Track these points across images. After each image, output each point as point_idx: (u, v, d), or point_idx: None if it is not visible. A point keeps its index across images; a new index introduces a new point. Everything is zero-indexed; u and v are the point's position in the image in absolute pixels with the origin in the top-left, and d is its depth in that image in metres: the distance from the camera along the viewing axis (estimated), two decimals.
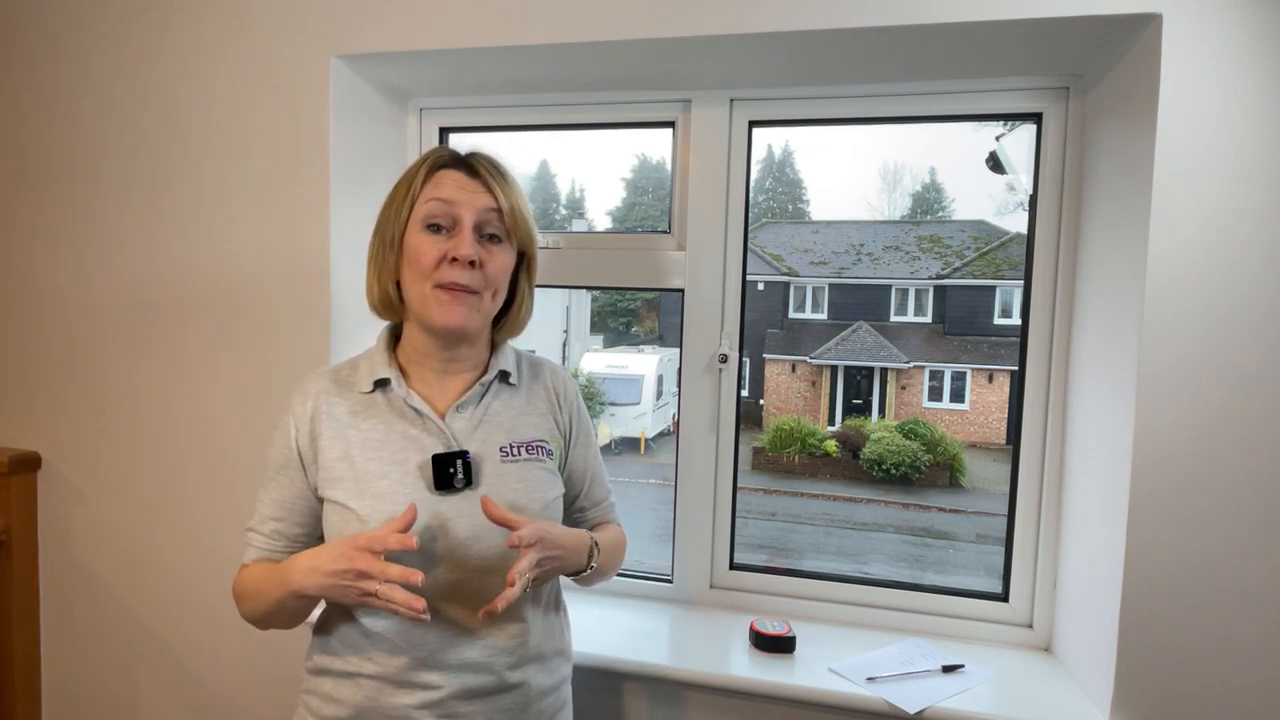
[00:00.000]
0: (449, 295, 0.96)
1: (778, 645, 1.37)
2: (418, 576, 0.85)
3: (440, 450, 0.97)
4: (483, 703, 0.97)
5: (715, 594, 1.59)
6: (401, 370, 1.03)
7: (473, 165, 1.00)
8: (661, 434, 8.30)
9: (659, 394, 8.21)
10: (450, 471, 0.96)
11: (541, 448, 1.05)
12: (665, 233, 1.58)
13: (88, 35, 1.56)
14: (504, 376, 1.06)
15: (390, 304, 1.02)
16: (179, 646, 1.63)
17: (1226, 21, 1.10)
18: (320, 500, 1.00)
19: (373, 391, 1.01)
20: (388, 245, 0.99)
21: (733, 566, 1.59)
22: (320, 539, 1.02)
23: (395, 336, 1.07)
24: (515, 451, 1.02)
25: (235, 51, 1.48)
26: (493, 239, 0.99)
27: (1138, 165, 1.17)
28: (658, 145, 1.59)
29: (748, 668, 1.33)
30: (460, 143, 1.72)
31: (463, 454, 0.97)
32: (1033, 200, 1.43)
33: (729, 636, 1.45)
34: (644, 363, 8.38)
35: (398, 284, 1.01)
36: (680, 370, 1.59)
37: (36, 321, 1.65)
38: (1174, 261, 1.13)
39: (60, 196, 1.61)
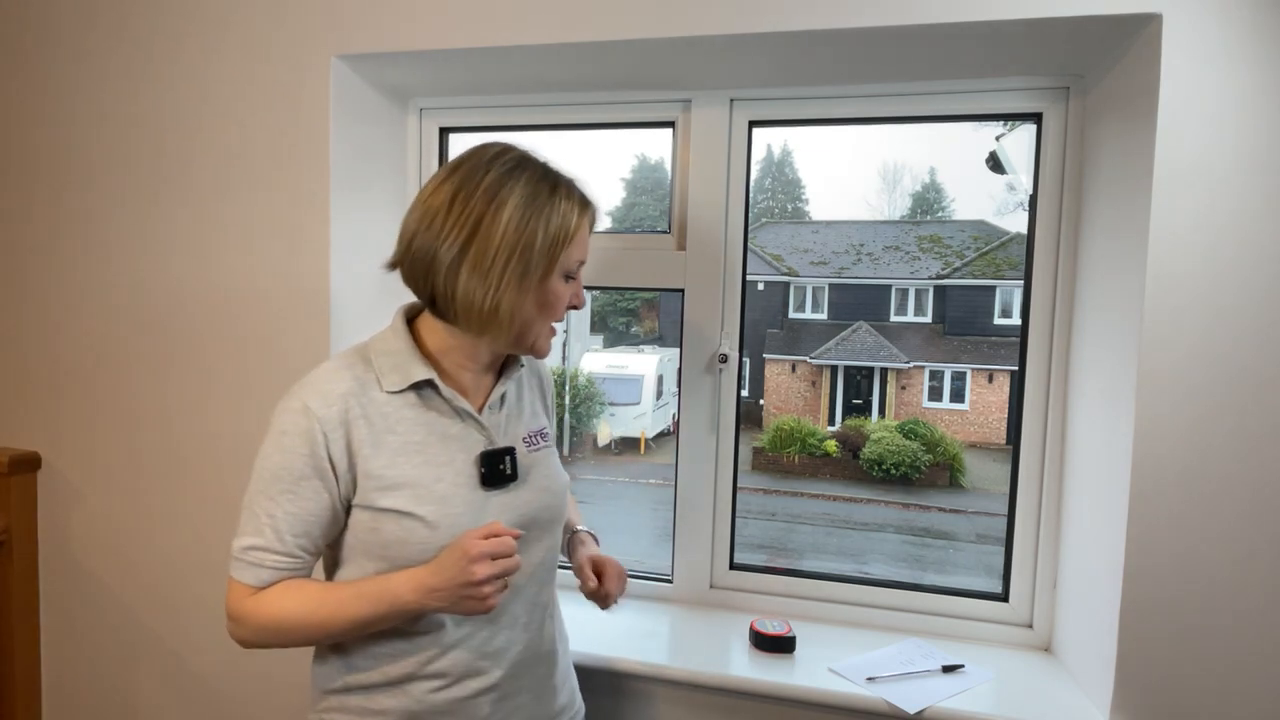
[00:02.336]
0: (552, 331, 1.01)
1: (778, 645, 1.37)
2: (517, 564, 0.90)
3: (484, 448, 0.98)
4: (527, 677, 1.03)
5: (715, 594, 1.59)
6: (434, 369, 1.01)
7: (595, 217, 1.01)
8: (661, 434, 8.30)
9: (659, 394, 8.21)
10: (500, 468, 0.98)
11: (547, 434, 1.09)
12: (665, 233, 1.58)
13: (86, 35, 1.56)
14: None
15: (500, 323, 0.94)
16: (179, 646, 1.63)
17: (1226, 21, 1.10)
18: (347, 511, 0.95)
19: (403, 391, 0.96)
20: (527, 274, 0.93)
21: (733, 566, 1.59)
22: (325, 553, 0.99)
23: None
24: (534, 440, 1.06)
25: (235, 51, 1.48)
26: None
27: (1138, 165, 1.17)
28: (657, 145, 1.59)
29: (748, 668, 1.33)
30: (462, 143, 1.72)
31: (509, 450, 0.99)
32: (1033, 200, 1.43)
33: (729, 636, 1.45)
34: (644, 363, 8.39)
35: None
36: (680, 370, 1.59)
37: (37, 322, 1.65)
38: (1174, 261, 1.13)
39: (60, 197, 1.61)
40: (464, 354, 1.00)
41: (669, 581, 1.61)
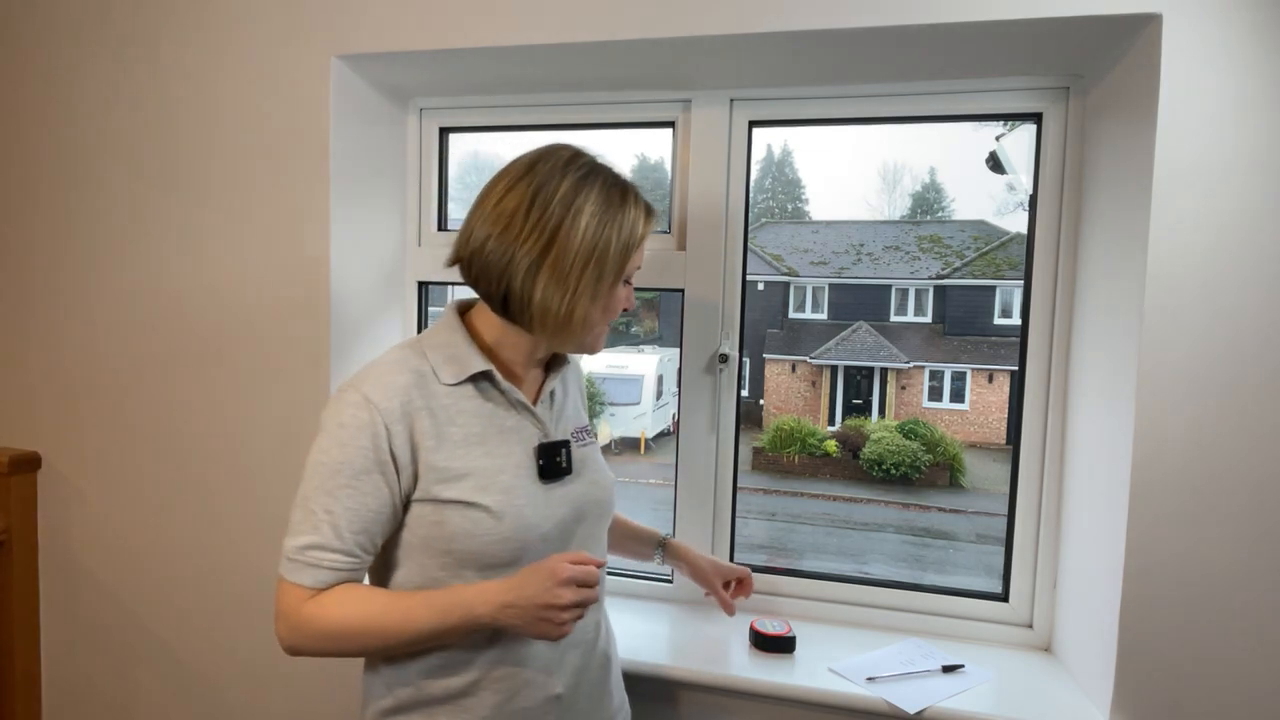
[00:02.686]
0: (604, 331, 1.03)
1: (778, 645, 1.37)
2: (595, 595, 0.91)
3: (540, 441, 0.99)
4: (586, 683, 1.03)
5: None
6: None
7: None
8: (661, 434, 8.30)
9: (659, 394, 8.21)
10: (557, 460, 0.99)
11: (590, 430, 1.11)
12: (665, 233, 1.58)
13: (87, 35, 1.56)
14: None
15: (571, 325, 0.95)
16: (178, 646, 1.63)
17: (1226, 21, 1.10)
18: (404, 505, 0.94)
19: (460, 384, 0.96)
20: (600, 279, 0.95)
21: None
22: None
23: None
24: (581, 436, 1.07)
25: (235, 52, 1.48)
26: None
27: (1138, 165, 1.17)
28: (657, 145, 1.59)
29: (748, 668, 1.33)
30: (462, 143, 1.72)
31: (565, 443, 1.01)
32: (1033, 200, 1.43)
33: (729, 636, 1.45)
34: (644, 363, 8.38)
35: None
36: (680, 370, 1.59)
37: (37, 322, 1.65)
38: (1174, 261, 1.13)
39: (60, 198, 1.61)
40: (518, 349, 1.01)
41: (669, 581, 1.61)
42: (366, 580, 0.97)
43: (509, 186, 0.95)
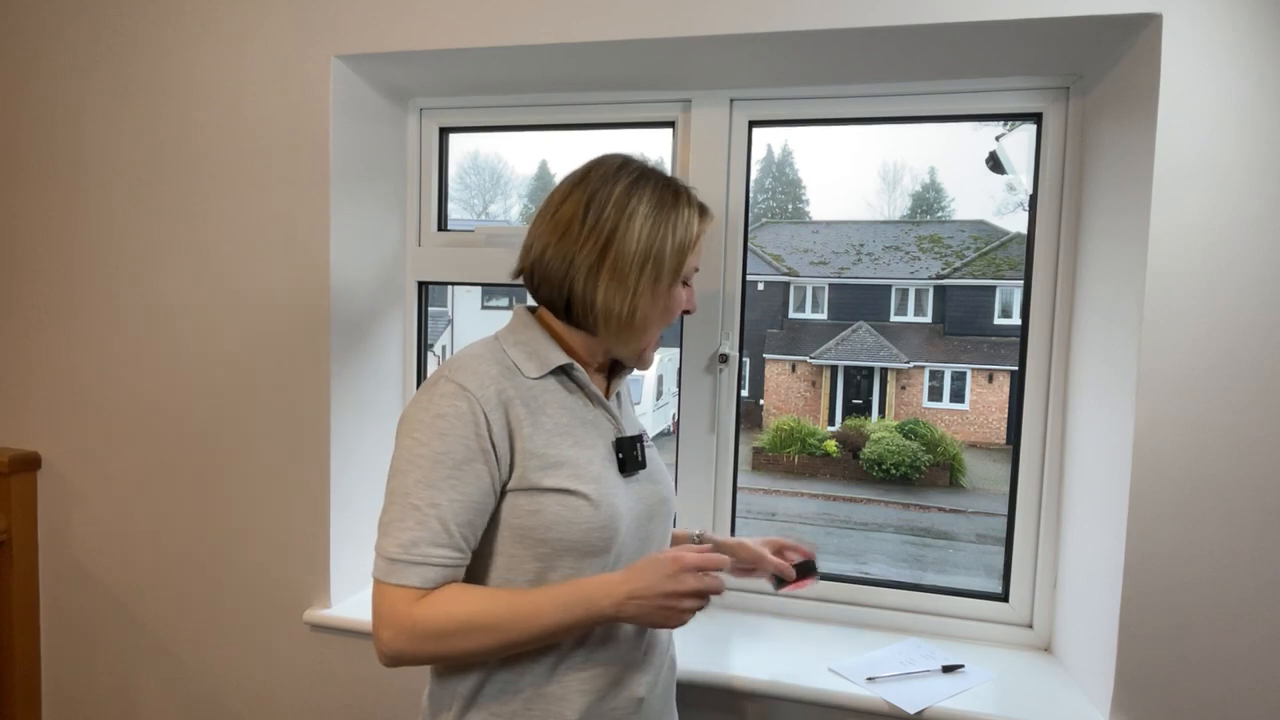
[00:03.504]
0: (657, 342, 1.03)
1: (804, 570, 1.18)
2: (721, 586, 0.91)
3: (616, 435, 1.00)
4: (660, 685, 1.03)
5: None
6: None
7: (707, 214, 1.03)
8: (661, 434, 8.29)
9: (659, 394, 8.21)
10: (634, 454, 1.00)
11: (647, 435, 1.11)
12: None
13: (87, 35, 1.56)
14: None
15: (634, 328, 0.97)
16: (178, 646, 1.63)
17: (1226, 21, 1.10)
18: (502, 494, 0.92)
19: (543, 378, 0.97)
20: (658, 280, 0.96)
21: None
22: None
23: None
24: (646, 438, 1.08)
25: (235, 51, 1.48)
26: None
27: (1138, 165, 1.17)
28: (658, 145, 1.59)
29: (748, 667, 1.33)
30: (462, 143, 1.72)
31: (639, 437, 1.02)
32: (1033, 200, 1.43)
33: (729, 636, 1.45)
34: None
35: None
36: (680, 370, 1.59)
37: (37, 322, 1.65)
38: (1174, 261, 1.13)
39: (60, 196, 1.61)
40: (584, 352, 1.02)
41: None
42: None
43: (564, 196, 0.98)
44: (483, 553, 0.94)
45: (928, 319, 9.39)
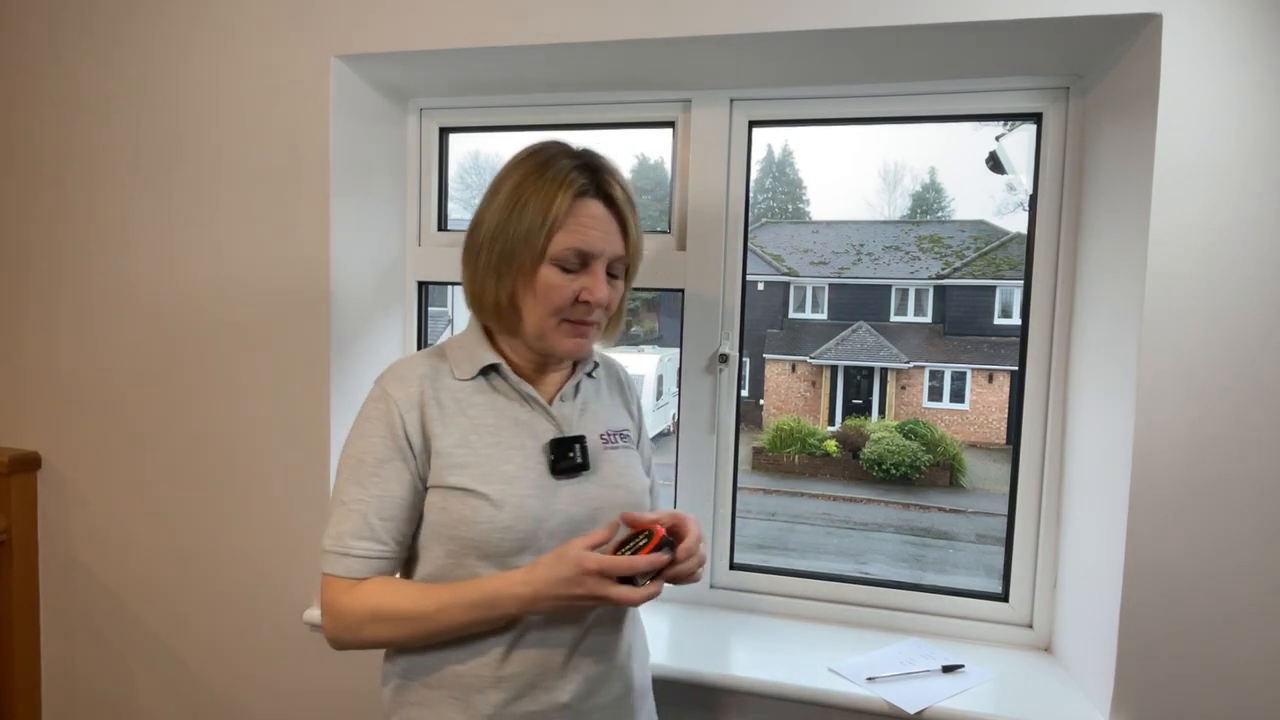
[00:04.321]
0: (572, 328, 0.96)
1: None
2: (656, 591, 0.89)
3: (554, 436, 0.98)
4: (603, 695, 0.99)
5: (715, 594, 1.59)
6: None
7: (612, 197, 0.96)
8: (661, 434, 8.29)
9: (659, 394, 8.20)
10: (570, 455, 0.97)
11: (628, 436, 1.08)
12: (665, 233, 1.58)
13: (87, 35, 1.56)
14: (591, 370, 1.09)
15: (502, 313, 0.97)
16: (178, 646, 1.63)
17: (1226, 21, 1.10)
18: (424, 491, 0.96)
19: (474, 378, 0.99)
20: (512, 260, 0.93)
21: (733, 566, 1.59)
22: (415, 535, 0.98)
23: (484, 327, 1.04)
24: (613, 438, 1.05)
25: (235, 51, 1.48)
26: (614, 275, 0.99)
27: (1138, 165, 1.17)
28: (657, 145, 1.59)
29: (748, 667, 1.33)
30: (462, 143, 1.72)
31: (580, 438, 0.99)
32: (1033, 200, 1.43)
33: (729, 636, 1.45)
34: (644, 363, 8.37)
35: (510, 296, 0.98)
36: (680, 370, 1.59)
37: (37, 322, 1.65)
38: (1174, 261, 1.13)
39: (60, 197, 1.61)
40: (517, 349, 1.02)
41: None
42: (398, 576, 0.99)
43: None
44: (413, 550, 0.99)
45: (928, 319, 9.38)
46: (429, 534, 0.96)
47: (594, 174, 0.96)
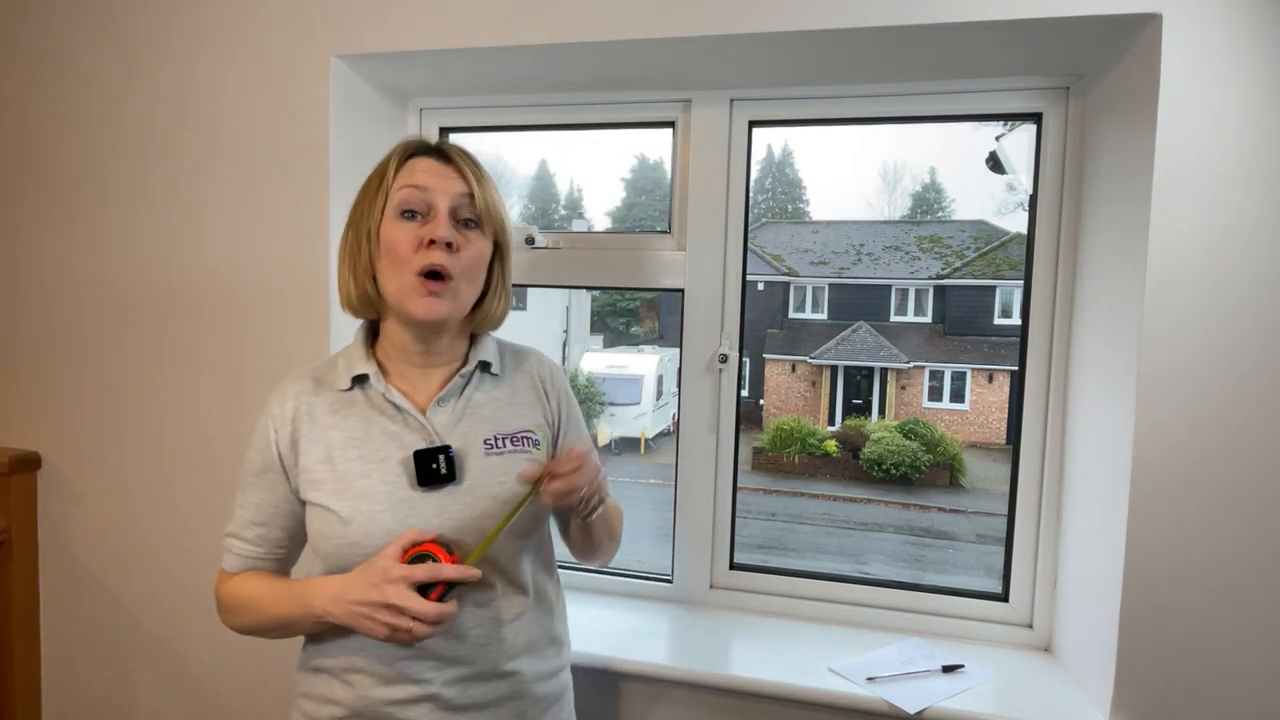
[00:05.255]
0: (427, 288, 0.93)
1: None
2: (452, 611, 0.87)
3: (422, 446, 0.96)
4: (479, 691, 0.96)
5: (715, 594, 1.59)
6: (380, 366, 1.01)
7: (445, 151, 0.99)
8: (661, 434, 8.29)
9: (659, 394, 8.20)
10: (433, 467, 0.94)
11: (528, 438, 1.03)
12: (665, 233, 1.58)
13: (87, 35, 1.56)
14: (484, 367, 1.04)
15: (368, 300, 0.99)
16: (178, 646, 1.63)
17: (1226, 21, 1.10)
18: (302, 503, 0.99)
19: (351, 389, 1.00)
20: (363, 238, 0.98)
21: (733, 566, 1.59)
22: (303, 543, 1.04)
23: (373, 333, 1.04)
24: (500, 443, 1.00)
25: (235, 52, 1.48)
26: (468, 224, 0.97)
27: (1138, 165, 1.17)
28: (657, 145, 1.59)
29: (748, 667, 1.33)
30: (462, 143, 1.72)
31: (444, 449, 0.95)
32: (1033, 200, 1.43)
33: (729, 636, 1.45)
34: (644, 363, 8.37)
35: (373, 279, 0.98)
36: (680, 370, 1.59)
37: (37, 321, 1.65)
38: (1174, 261, 1.13)
39: (61, 196, 1.61)
40: (399, 347, 1.01)
41: (669, 581, 1.61)
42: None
43: None
44: (298, 549, 1.05)
45: (928, 319, 9.38)
46: (310, 545, 1.01)
47: (425, 141, 1.01)
